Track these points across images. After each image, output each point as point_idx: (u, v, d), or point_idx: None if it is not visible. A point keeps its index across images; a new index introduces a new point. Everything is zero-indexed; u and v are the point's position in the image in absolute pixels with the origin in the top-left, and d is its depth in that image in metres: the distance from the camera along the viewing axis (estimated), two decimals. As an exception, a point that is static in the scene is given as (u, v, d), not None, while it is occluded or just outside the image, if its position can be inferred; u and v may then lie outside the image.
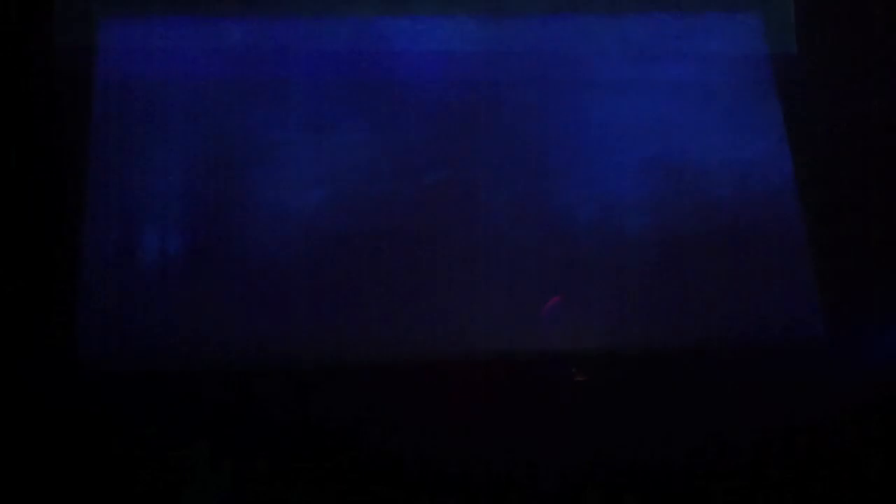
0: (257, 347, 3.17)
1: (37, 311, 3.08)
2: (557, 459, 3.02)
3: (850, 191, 3.50)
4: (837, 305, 3.35)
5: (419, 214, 3.43)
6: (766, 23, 3.80)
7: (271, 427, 3.01)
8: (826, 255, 3.43)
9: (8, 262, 3.12)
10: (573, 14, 3.76)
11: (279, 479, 2.94)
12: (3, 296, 3.07)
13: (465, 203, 3.47)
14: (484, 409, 3.08)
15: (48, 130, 3.30)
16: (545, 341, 3.26)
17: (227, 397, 3.04)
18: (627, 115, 3.63)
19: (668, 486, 3.02)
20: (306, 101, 3.55)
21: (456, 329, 3.26)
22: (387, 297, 3.29)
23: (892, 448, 3.09)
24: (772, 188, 3.56)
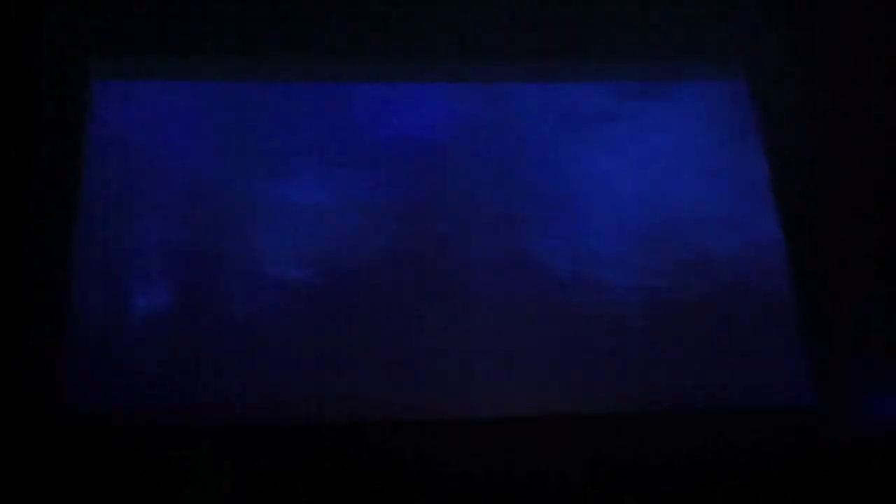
0: (247, 404, 3.17)
1: (23, 366, 3.05)
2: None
3: (838, 257, 3.47)
4: (827, 372, 3.33)
5: (406, 274, 3.44)
6: (750, 84, 3.81)
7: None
8: (816, 322, 3.40)
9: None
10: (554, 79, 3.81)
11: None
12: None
13: (453, 264, 3.48)
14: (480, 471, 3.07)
15: (39, 189, 3.30)
16: (534, 403, 3.24)
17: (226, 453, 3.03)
18: (617, 178, 3.65)
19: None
20: (292, 165, 3.57)
21: (445, 390, 3.25)
22: (375, 355, 3.30)
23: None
24: (762, 254, 3.55)
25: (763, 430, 3.19)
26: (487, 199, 3.58)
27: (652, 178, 3.65)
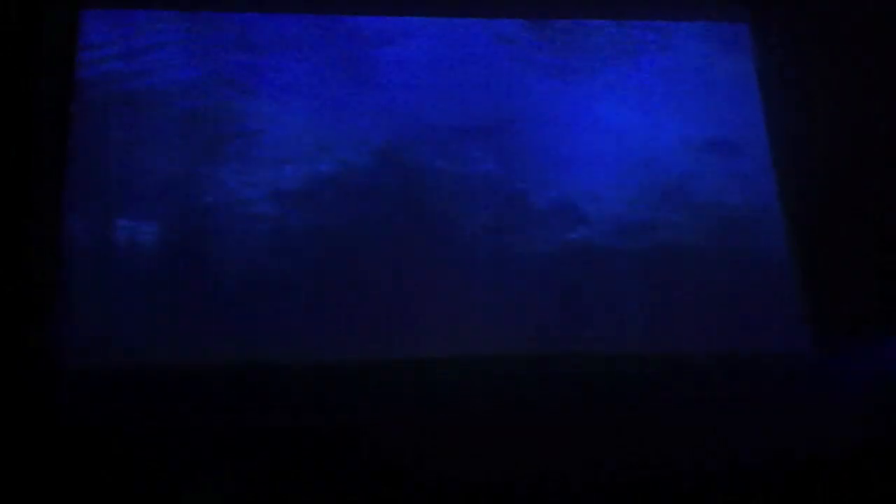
0: (240, 345, 3.20)
1: (16, 311, 3.06)
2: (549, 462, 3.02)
3: (833, 206, 3.49)
4: (822, 319, 3.36)
5: (386, 207, 3.47)
6: (751, 31, 3.82)
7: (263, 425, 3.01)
8: (811, 270, 3.43)
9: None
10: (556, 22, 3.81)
11: (279, 478, 2.94)
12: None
13: (457, 202, 3.50)
14: (480, 409, 3.08)
15: (26, 125, 3.25)
16: (540, 344, 3.28)
17: (215, 394, 3.05)
18: (615, 126, 3.67)
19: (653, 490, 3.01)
20: (287, 97, 3.57)
21: (449, 330, 3.29)
22: (374, 294, 3.33)
23: (875, 459, 3.07)
24: (758, 202, 3.59)
25: (759, 377, 3.22)
26: (473, 132, 3.59)
27: (646, 116, 3.68)
